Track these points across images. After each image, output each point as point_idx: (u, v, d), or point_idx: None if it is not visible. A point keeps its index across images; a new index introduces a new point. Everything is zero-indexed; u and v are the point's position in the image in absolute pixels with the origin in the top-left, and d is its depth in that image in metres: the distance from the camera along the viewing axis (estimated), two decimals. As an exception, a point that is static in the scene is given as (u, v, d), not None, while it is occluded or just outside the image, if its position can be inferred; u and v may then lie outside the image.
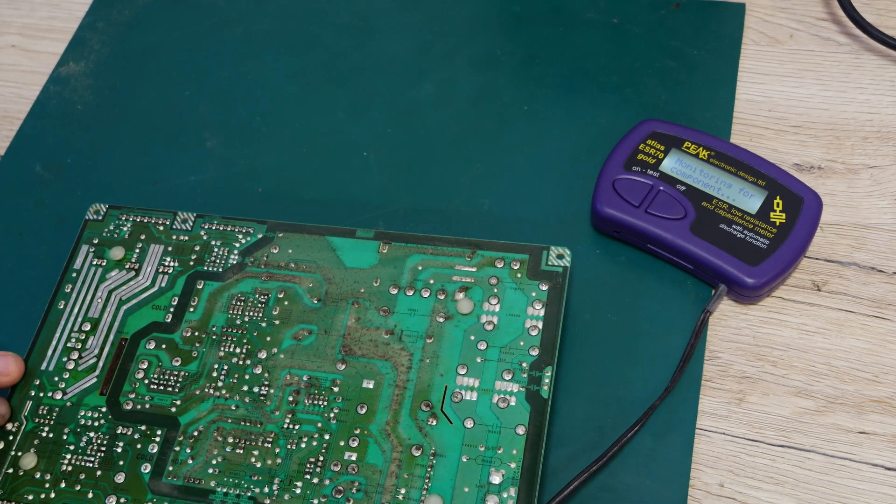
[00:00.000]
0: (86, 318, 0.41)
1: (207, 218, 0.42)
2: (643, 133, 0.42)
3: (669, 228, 0.40)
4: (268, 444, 0.37)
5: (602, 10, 0.50)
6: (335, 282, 0.40)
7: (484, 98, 0.48)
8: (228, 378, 0.39)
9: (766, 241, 0.39)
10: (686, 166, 0.41)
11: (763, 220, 0.40)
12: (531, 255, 0.39)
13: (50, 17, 0.55)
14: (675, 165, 0.41)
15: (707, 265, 0.39)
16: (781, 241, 0.39)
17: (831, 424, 0.38)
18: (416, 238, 0.41)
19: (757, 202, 0.40)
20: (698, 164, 0.41)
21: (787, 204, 0.40)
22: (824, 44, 0.48)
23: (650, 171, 0.41)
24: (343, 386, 0.38)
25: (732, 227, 0.40)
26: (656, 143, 0.42)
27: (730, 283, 0.39)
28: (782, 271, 0.39)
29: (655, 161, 0.41)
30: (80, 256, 0.42)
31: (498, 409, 0.36)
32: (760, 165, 0.41)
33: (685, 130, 0.42)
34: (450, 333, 0.38)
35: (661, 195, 0.40)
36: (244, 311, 0.40)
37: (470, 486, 0.35)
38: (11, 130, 0.50)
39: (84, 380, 0.39)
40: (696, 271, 0.40)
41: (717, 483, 0.37)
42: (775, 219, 0.40)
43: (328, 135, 0.48)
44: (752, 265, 0.39)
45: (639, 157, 0.42)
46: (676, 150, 0.42)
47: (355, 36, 0.51)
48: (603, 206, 0.41)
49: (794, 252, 0.39)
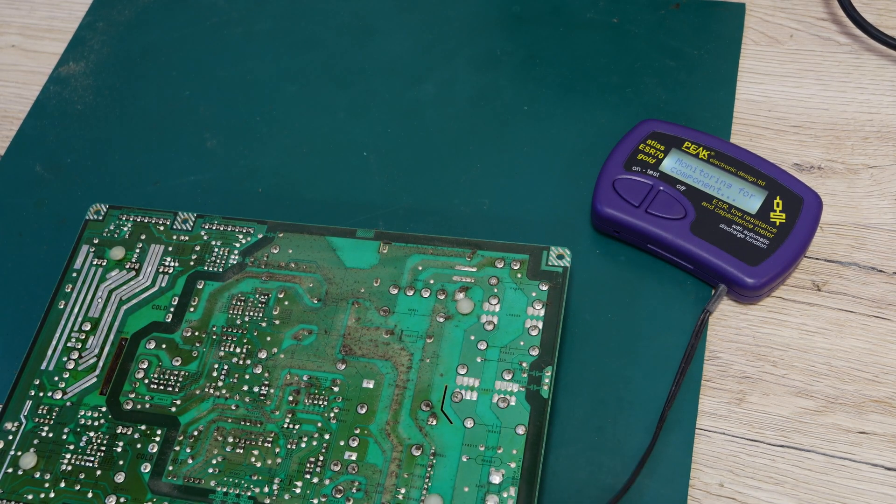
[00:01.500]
0: (86, 318, 0.41)
1: (208, 218, 0.42)
2: (643, 133, 0.42)
3: (669, 228, 0.40)
4: (268, 443, 0.37)
5: (602, 10, 0.50)
6: (335, 282, 0.40)
7: (484, 98, 0.48)
8: (228, 378, 0.39)
9: (766, 241, 0.39)
10: (686, 166, 0.41)
11: (763, 220, 0.40)
12: (531, 255, 0.39)
13: (50, 17, 0.55)
14: (675, 165, 0.41)
15: (707, 265, 0.39)
16: (781, 241, 0.39)
17: (831, 424, 0.38)
18: (417, 238, 0.41)
19: (757, 202, 0.40)
20: (698, 164, 0.41)
21: (787, 204, 0.40)
22: (824, 44, 0.47)
23: (650, 171, 0.41)
24: (343, 386, 0.38)
25: (732, 227, 0.40)
26: (656, 143, 0.42)
27: (730, 283, 0.39)
28: (782, 271, 0.39)
29: (655, 161, 0.41)
30: (81, 256, 0.42)
31: (498, 408, 0.36)
32: (760, 165, 0.41)
33: (685, 130, 0.42)
34: (450, 333, 0.38)
35: (661, 195, 0.40)
36: (244, 311, 0.40)
37: (470, 485, 0.35)
38: (11, 130, 0.50)
39: (84, 379, 0.39)
40: (696, 271, 0.40)
41: (717, 483, 0.37)
42: (775, 219, 0.40)
43: (328, 135, 0.48)
44: (752, 265, 0.39)
45: (639, 157, 0.42)
46: (676, 149, 0.42)
47: (355, 36, 0.51)
48: (603, 206, 0.41)
49: (795, 252, 0.39)
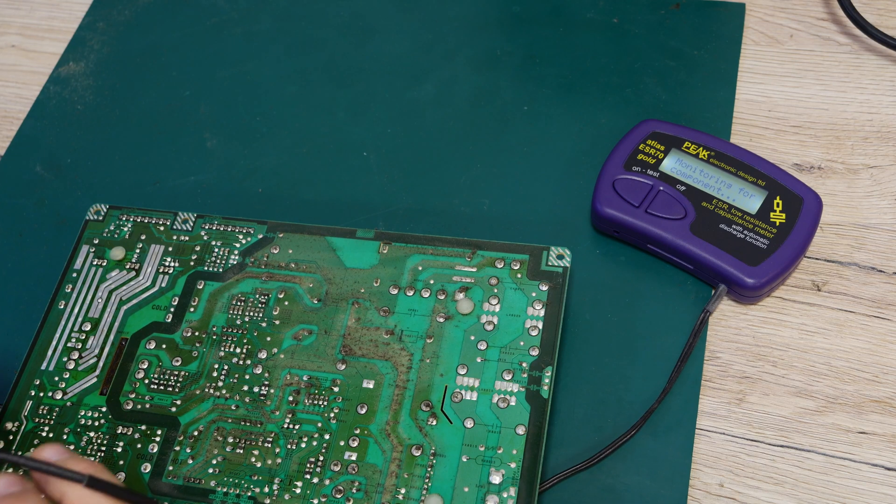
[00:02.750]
0: (86, 318, 0.41)
1: (208, 218, 0.42)
2: (643, 133, 0.42)
3: (669, 228, 0.40)
4: (268, 443, 0.37)
5: (602, 10, 0.50)
6: (335, 282, 0.40)
7: (484, 98, 0.48)
8: (229, 378, 0.39)
9: (766, 241, 0.39)
10: (686, 166, 0.41)
11: (763, 220, 0.40)
12: (531, 255, 0.39)
13: (50, 17, 0.55)
14: (674, 165, 0.41)
15: (707, 265, 0.39)
16: (781, 241, 0.39)
17: (831, 424, 0.38)
18: (417, 238, 0.41)
19: (757, 202, 0.40)
20: (698, 164, 0.41)
21: (787, 204, 0.40)
22: (824, 44, 0.47)
23: (650, 171, 0.41)
24: (343, 386, 0.38)
25: (732, 227, 0.40)
26: (656, 144, 0.42)
27: (730, 283, 0.39)
28: (782, 271, 0.39)
29: (655, 161, 0.41)
30: (81, 256, 0.42)
31: (498, 409, 0.36)
32: (760, 165, 0.41)
33: (685, 130, 0.42)
34: (450, 333, 0.38)
35: (661, 195, 0.40)
36: (244, 311, 0.40)
37: (470, 485, 0.35)
38: (11, 130, 0.50)
39: (84, 380, 0.39)
40: (696, 271, 0.40)
41: (717, 483, 0.37)
42: (775, 219, 0.40)
43: (328, 135, 0.48)
44: (752, 265, 0.39)
45: (639, 157, 0.42)
46: (676, 150, 0.42)
47: (355, 36, 0.51)
48: (603, 206, 0.41)
49: (795, 252, 0.39)
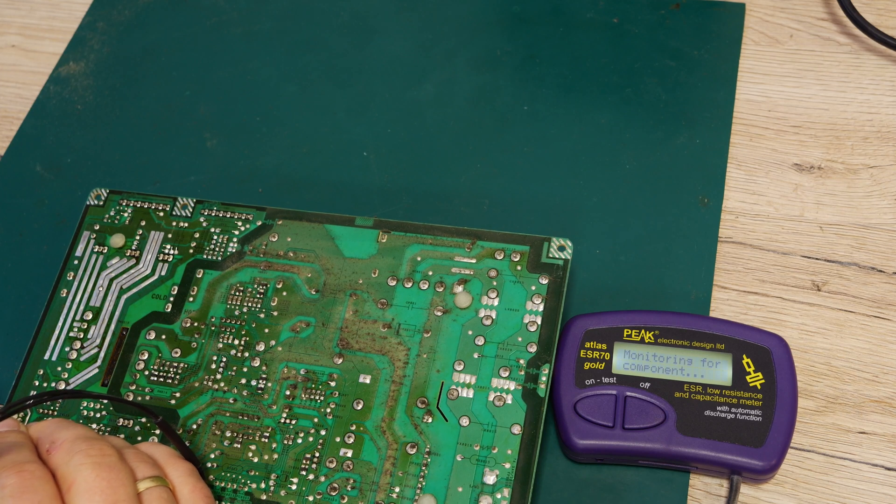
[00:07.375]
0: (87, 307, 0.41)
1: (207, 204, 0.42)
2: (577, 337, 0.38)
3: (656, 438, 0.36)
4: (265, 438, 0.37)
5: (602, 10, 0.50)
6: (333, 272, 0.40)
7: (484, 98, 0.48)
8: (227, 371, 0.38)
9: (759, 413, 0.36)
10: (637, 357, 0.37)
11: (742, 388, 0.36)
12: (532, 246, 0.39)
13: (50, 17, 0.55)
14: (626, 361, 0.37)
15: (711, 462, 0.36)
16: (773, 406, 0.36)
17: (831, 424, 0.37)
18: (416, 227, 0.40)
19: (726, 370, 0.36)
20: (648, 349, 0.37)
21: (756, 360, 0.36)
22: (824, 44, 0.47)
23: (605, 378, 0.37)
24: (340, 381, 0.37)
25: (718, 410, 0.36)
26: (595, 344, 0.37)
27: (740, 472, 0.36)
28: (788, 437, 0.35)
29: (605, 364, 0.37)
30: (82, 243, 0.42)
31: (494, 407, 0.36)
32: (709, 327, 0.37)
33: (614, 316, 0.38)
34: (447, 328, 0.38)
35: (631, 402, 0.36)
36: (243, 301, 0.40)
37: (464, 486, 0.35)
38: (11, 130, 0.50)
39: (86, 370, 0.39)
40: (700, 470, 0.37)
41: (717, 483, 0.37)
42: (754, 382, 0.36)
43: (328, 135, 0.48)
44: (758, 446, 0.35)
45: (586, 368, 0.37)
46: (619, 342, 0.37)
47: (355, 36, 0.51)
48: (576, 438, 0.36)
49: (790, 410, 0.36)
